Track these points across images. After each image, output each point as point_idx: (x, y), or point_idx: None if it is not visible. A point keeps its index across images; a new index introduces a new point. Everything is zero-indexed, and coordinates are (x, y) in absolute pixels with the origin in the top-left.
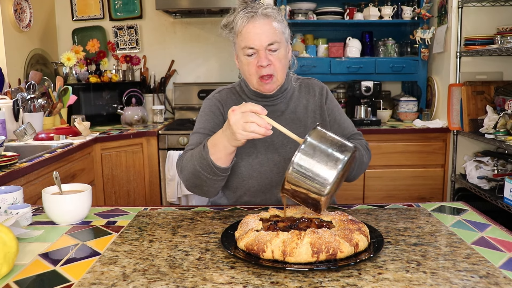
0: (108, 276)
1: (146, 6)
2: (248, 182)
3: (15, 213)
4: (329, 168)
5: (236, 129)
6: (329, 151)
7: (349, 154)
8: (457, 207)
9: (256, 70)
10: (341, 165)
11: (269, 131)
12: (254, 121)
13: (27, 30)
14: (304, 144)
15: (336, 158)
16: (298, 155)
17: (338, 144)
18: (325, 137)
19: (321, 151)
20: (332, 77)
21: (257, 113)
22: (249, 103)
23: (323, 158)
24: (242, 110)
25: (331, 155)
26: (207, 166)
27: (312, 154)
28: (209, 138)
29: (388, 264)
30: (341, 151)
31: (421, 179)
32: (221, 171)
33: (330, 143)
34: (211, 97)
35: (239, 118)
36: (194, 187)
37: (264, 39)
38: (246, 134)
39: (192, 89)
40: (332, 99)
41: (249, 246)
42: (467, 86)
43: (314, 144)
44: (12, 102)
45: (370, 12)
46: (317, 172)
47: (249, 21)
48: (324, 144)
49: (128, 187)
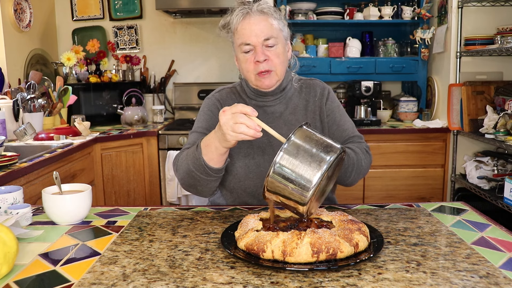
0: (108, 276)
1: (146, 6)
2: (244, 183)
3: (15, 213)
4: (313, 169)
5: (225, 130)
6: (314, 151)
7: (334, 155)
8: (457, 207)
9: (254, 67)
10: (326, 166)
11: (258, 133)
12: (243, 122)
13: (27, 30)
14: (287, 143)
15: (321, 159)
16: (280, 154)
17: (324, 145)
18: (310, 136)
19: (305, 151)
20: (332, 77)
21: (248, 114)
22: (240, 104)
23: (306, 159)
24: (233, 111)
25: (315, 155)
26: (200, 166)
27: (295, 154)
28: (203, 137)
29: (388, 264)
30: (327, 151)
31: (421, 179)
32: (214, 172)
33: (315, 143)
34: (210, 97)
35: (229, 119)
36: (189, 187)
37: (260, 35)
38: (235, 135)
39: (192, 89)
40: (333, 100)
41: (249, 246)
42: (467, 86)
43: (298, 143)
44: (12, 102)
45: (370, 12)
46: (300, 173)
47: (244, 18)
48: (308, 144)
49: (128, 187)
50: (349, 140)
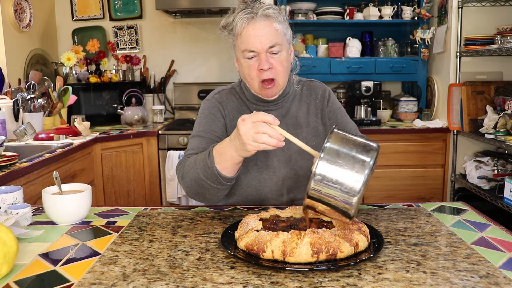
0: (108, 276)
1: (146, 6)
2: (246, 190)
3: (15, 213)
4: (356, 172)
5: (246, 140)
6: (353, 153)
7: (375, 154)
8: (457, 207)
9: (257, 74)
10: (368, 167)
11: (281, 142)
12: (265, 131)
13: (27, 30)
14: (324, 152)
15: (362, 161)
16: (319, 164)
17: (361, 145)
18: (346, 138)
19: (345, 155)
20: (332, 77)
21: (269, 123)
22: (261, 113)
23: (348, 161)
24: (253, 119)
25: (356, 157)
26: (211, 175)
27: (334, 161)
28: (214, 145)
29: (388, 264)
30: (366, 151)
31: (421, 179)
32: (226, 181)
33: (353, 144)
34: (210, 98)
35: (250, 128)
36: (196, 195)
37: (264, 42)
38: (257, 145)
39: (192, 89)
40: (334, 101)
41: (249, 246)
42: (467, 86)
43: (335, 149)
44: (12, 102)
45: (370, 12)
46: (344, 178)
47: (249, 23)
48: (346, 148)
49: (128, 187)
50: None
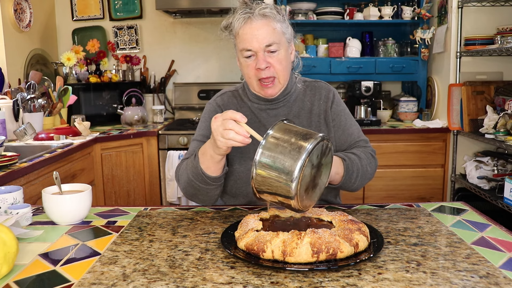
0: (108, 276)
1: (146, 6)
2: (246, 188)
3: (15, 213)
4: (292, 157)
5: (216, 136)
6: (292, 140)
7: (314, 141)
8: (457, 207)
9: (255, 73)
10: (306, 152)
11: (247, 139)
12: (232, 128)
13: (27, 30)
14: (265, 139)
15: (300, 146)
16: (260, 151)
17: (302, 134)
18: (289, 129)
19: (284, 142)
20: (332, 77)
21: (237, 120)
22: (230, 111)
23: (285, 149)
24: (223, 117)
25: (293, 144)
26: (198, 175)
27: (274, 148)
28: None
29: (388, 264)
30: (306, 139)
31: (421, 179)
32: (212, 180)
33: (294, 133)
34: (212, 101)
35: (219, 125)
36: (191, 196)
37: (261, 41)
38: (225, 141)
39: (192, 89)
40: (339, 103)
41: (249, 246)
42: (467, 86)
43: (277, 136)
44: (12, 102)
45: (370, 12)
46: (281, 164)
47: (245, 22)
48: (287, 135)
49: (128, 187)
50: (354, 145)
